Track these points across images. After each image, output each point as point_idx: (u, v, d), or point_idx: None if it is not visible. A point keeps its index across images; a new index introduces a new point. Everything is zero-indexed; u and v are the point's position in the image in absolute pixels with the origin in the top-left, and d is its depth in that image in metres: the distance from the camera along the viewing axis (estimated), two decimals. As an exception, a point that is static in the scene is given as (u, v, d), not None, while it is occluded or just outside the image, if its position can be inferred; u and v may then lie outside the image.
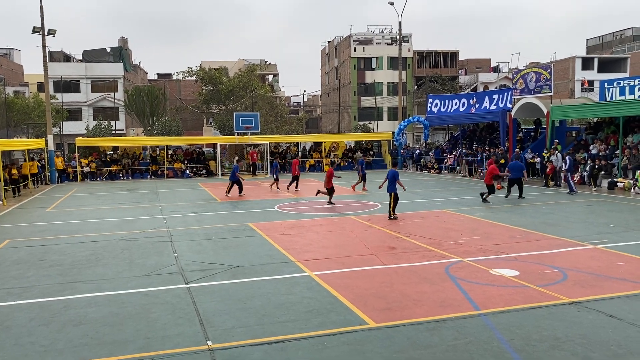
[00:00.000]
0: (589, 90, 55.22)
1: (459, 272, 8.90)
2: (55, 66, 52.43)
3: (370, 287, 8.11)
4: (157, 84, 61.74)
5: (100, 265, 9.97)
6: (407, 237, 11.92)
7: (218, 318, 6.88)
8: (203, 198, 20.90)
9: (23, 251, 11.39)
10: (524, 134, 30.19)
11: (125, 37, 65.14)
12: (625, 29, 69.01)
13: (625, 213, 15.05)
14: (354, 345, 5.95)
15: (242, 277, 8.85)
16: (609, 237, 11.60)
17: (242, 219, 15.11)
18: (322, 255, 10.42)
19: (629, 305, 7.08)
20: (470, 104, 31.04)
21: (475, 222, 13.93)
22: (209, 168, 33.61)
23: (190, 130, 59.24)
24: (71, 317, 7.05)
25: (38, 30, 29.82)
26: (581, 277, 8.45)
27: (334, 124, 68.08)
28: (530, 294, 7.64)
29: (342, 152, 37.44)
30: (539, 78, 26.68)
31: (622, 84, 24.73)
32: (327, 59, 75.65)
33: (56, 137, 40.29)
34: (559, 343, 5.88)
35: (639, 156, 20.29)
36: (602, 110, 23.25)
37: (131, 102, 50.53)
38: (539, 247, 10.71)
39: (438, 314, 6.87)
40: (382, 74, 64.10)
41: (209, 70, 53.71)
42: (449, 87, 60.31)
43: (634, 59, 59.48)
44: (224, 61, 63.51)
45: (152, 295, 7.96)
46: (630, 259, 9.57)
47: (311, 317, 6.86)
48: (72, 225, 14.80)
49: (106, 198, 21.68)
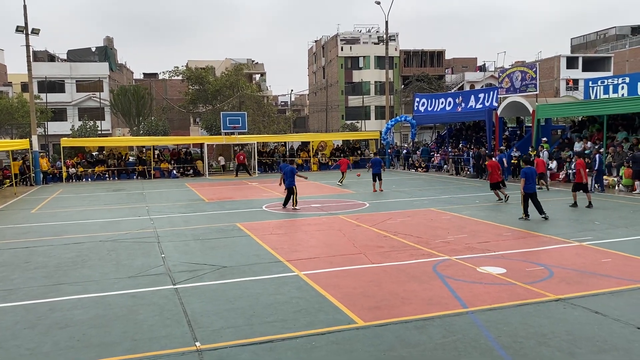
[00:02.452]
0: (574, 88, 55.87)
1: (446, 270, 8.95)
2: (40, 66, 51.84)
3: (359, 286, 8.12)
4: (143, 84, 61.24)
5: (86, 266, 9.87)
6: (395, 236, 11.96)
7: (206, 319, 6.84)
8: (190, 198, 20.79)
9: (7, 253, 11.24)
10: (510, 132, 30.44)
11: (110, 37, 64.62)
12: (609, 28, 69.94)
13: (609, 210, 15.23)
14: (342, 344, 5.95)
15: (230, 278, 8.82)
16: (594, 234, 11.74)
17: (230, 219, 15.06)
18: (311, 254, 10.41)
19: (613, 302, 7.16)
20: (457, 103, 31.22)
21: (463, 220, 14.02)
22: (196, 168, 33.45)
23: (177, 130, 58.90)
24: (57, 320, 6.97)
25: (21, 29, 29.44)
26: (567, 274, 8.53)
27: (321, 123, 68.12)
28: (517, 291, 7.71)
29: (329, 151, 37.47)
30: (525, 77, 26.90)
31: (606, 82, 25.02)
32: (315, 58, 75.63)
33: (41, 137, 39.87)
34: (545, 339, 5.94)
35: (623, 154, 20.55)
36: (587, 109, 23.51)
37: (117, 102, 50.10)
38: (526, 245, 10.81)
39: (426, 312, 6.90)
40: (369, 73, 64.26)
41: (195, 70, 53.44)
42: (436, 86, 60.65)
43: (618, 57, 60.26)
44: (211, 60, 63.26)
45: (139, 297, 7.90)
46: (615, 256, 9.69)
47: (300, 316, 6.86)
48: (57, 227, 14.63)
49: (92, 199, 21.48)
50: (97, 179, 31.44)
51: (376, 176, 21.09)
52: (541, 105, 24.90)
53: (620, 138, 22.46)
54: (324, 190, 22.61)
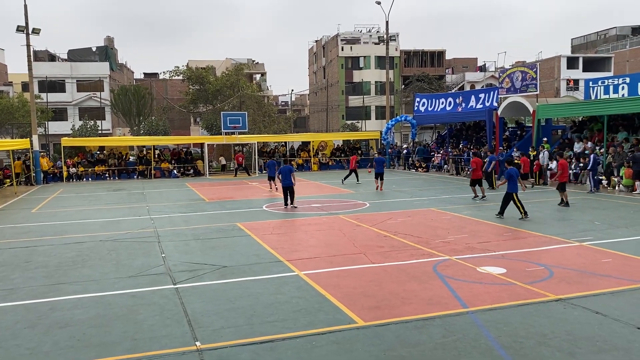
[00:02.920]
0: (574, 89, 55.86)
1: (446, 270, 8.95)
2: (40, 65, 51.82)
3: (359, 286, 8.12)
4: (143, 84, 61.25)
5: (86, 266, 9.88)
6: (395, 236, 11.96)
7: (206, 318, 6.85)
8: (191, 198, 20.79)
9: (7, 253, 11.24)
10: (510, 132, 30.43)
11: (111, 37, 64.67)
12: (609, 29, 69.90)
13: (609, 210, 15.23)
14: (342, 344, 5.96)
15: (230, 277, 8.82)
16: (594, 234, 11.73)
17: (230, 219, 15.06)
18: (311, 254, 10.41)
19: (614, 302, 7.16)
20: (457, 103, 31.20)
21: (463, 220, 14.02)
22: (197, 168, 33.46)
23: (177, 130, 58.90)
24: (57, 319, 6.97)
25: (22, 29, 29.45)
26: (567, 274, 8.53)
27: (321, 123, 68.11)
28: (517, 291, 7.71)
29: (330, 151, 37.46)
30: (525, 77, 26.88)
31: (606, 82, 25.01)
32: (315, 58, 75.61)
33: (41, 137, 39.84)
34: (545, 339, 5.94)
35: (624, 154, 20.53)
36: (587, 109, 23.51)
37: (117, 101, 50.10)
38: (526, 245, 10.81)
39: (426, 312, 6.90)
40: (369, 73, 64.24)
41: (196, 70, 53.41)
42: (436, 86, 60.64)
43: (618, 58, 60.24)
44: (211, 60, 63.23)
45: (140, 296, 7.90)
46: (615, 256, 9.69)
47: (300, 316, 6.86)
48: (57, 227, 14.64)
49: (92, 199, 21.48)
50: (97, 178, 31.46)
51: (379, 175, 21.63)
52: (541, 105, 24.89)
53: (621, 138, 22.45)
54: (324, 190, 22.62)
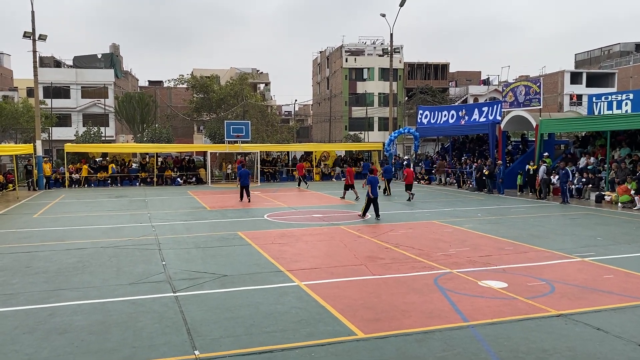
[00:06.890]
0: (578, 104, 55.95)
1: (447, 283, 8.92)
2: (46, 71, 52.09)
3: (359, 298, 8.09)
4: (148, 91, 61.45)
5: (87, 272, 9.86)
6: (397, 248, 11.93)
7: (206, 327, 6.82)
8: (192, 206, 20.80)
9: (8, 257, 11.24)
10: (513, 146, 30.43)
11: (116, 44, 64.89)
12: (613, 45, 70.12)
13: (612, 226, 15.19)
14: (342, 355, 5.92)
15: (230, 287, 8.80)
16: (596, 250, 11.69)
17: (232, 228, 15.05)
18: (312, 265, 10.39)
19: (615, 318, 7.12)
20: (460, 115, 31.27)
21: (464, 233, 13.99)
22: (199, 176, 33.49)
23: (180, 138, 58.97)
24: (56, 325, 6.96)
25: (29, 35, 29.68)
26: (569, 290, 8.49)
27: (324, 133, 68.20)
28: (518, 305, 7.67)
29: (332, 161, 37.48)
30: (529, 91, 26.96)
31: (609, 98, 25.03)
32: (319, 69, 75.89)
33: (45, 142, 40.04)
34: (546, 355, 5.90)
35: (627, 170, 20.52)
36: (591, 124, 23.52)
37: (121, 108, 50.27)
38: (527, 259, 10.77)
39: (426, 325, 6.87)
40: (373, 84, 64.42)
41: (200, 78, 53.62)
42: (439, 98, 60.71)
43: (622, 74, 60.38)
44: (216, 69, 63.46)
45: (139, 304, 7.88)
46: (617, 272, 9.64)
47: (300, 327, 6.83)
48: (59, 232, 14.65)
49: (94, 205, 21.51)
50: (99, 184, 31.51)
51: (389, 182, 24.15)
52: (544, 119, 24.93)
53: (623, 154, 22.44)
54: (325, 200, 22.61)
